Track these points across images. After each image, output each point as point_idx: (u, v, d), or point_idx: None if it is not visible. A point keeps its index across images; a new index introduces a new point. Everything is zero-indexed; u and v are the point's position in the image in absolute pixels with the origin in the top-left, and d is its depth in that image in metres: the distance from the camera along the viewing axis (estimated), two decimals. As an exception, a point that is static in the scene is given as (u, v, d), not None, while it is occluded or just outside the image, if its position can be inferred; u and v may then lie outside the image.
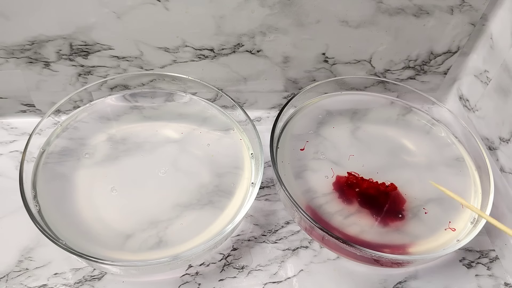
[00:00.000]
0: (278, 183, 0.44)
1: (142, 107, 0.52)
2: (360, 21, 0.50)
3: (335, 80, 0.54)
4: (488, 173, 0.46)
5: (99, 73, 0.51)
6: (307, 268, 0.45)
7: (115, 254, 0.40)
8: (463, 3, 0.49)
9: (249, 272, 0.44)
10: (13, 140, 0.53)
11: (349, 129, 0.52)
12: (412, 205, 0.45)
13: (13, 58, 0.48)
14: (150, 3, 0.45)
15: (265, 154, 0.46)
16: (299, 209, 0.41)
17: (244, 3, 0.46)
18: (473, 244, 0.48)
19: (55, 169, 0.45)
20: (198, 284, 0.43)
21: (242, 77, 0.54)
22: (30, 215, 0.38)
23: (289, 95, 0.58)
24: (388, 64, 0.55)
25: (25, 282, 0.42)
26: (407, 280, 0.45)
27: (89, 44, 0.48)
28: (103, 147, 0.48)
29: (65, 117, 0.49)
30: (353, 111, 0.54)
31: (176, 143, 0.50)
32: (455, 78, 0.58)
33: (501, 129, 0.49)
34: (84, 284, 0.42)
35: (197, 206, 0.45)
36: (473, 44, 0.54)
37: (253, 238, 0.47)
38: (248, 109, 0.57)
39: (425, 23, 0.51)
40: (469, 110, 0.56)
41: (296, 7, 0.47)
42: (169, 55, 0.51)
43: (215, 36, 0.49)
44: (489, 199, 0.44)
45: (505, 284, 0.45)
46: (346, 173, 0.47)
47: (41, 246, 0.44)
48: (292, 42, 0.51)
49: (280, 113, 0.48)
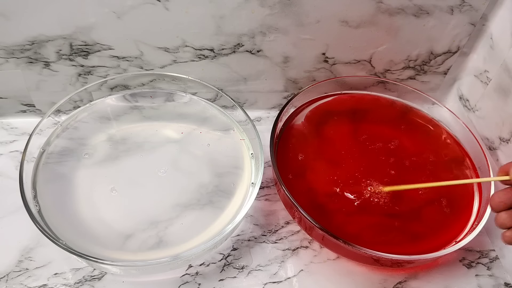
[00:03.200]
0: (278, 183, 0.44)
1: (142, 107, 0.52)
2: (360, 21, 0.50)
3: (335, 80, 0.54)
4: (488, 173, 0.46)
5: (99, 73, 0.51)
6: (307, 268, 0.45)
7: (115, 254, 0.40)
8: (463, 3, 0.49)
9: (249, 272, 0.44)
10: (13, 140, 0.53)
11: (349, 129, 0.51)
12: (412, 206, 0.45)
13: (13, 58, 0.48)
14: (150, 3, 0.45)
15: (265, 154, 0.46)
16: (299, 209, 0.41)
17: (244, 3, 0.46)
18: (473, 244, 0.48)
19: (55, 169, 0.45)
20: (198, 284, 0.43)
21: (242, 77, 0.54)
22: (30, 215, 0.38)
23: (289, 95, 0.58)
24: (388, 64, 0.55)
25: (25, 282, 0.42)
26: (407, 280, 0.45)
27: (89, 44, 0.48)
28: (103, 147, 0.48)
29: (65, 117, 0.49)
30: (353, 111, 0.54)
31: (176, 143, 0.50)
32: (455, 78, 0.58)
33: (501, 129, 0.49)
34: (84, 284, 0.42)
35: (197, 206, 0.45)
36: (473, 44, 0.54)
37: (253, 238, 0.47)
38: (248, 109, 0.57)
39: (425, 23, 0.51)
40: (469, 110, 0.56)
41: (296, 7, 0.47)
42: (169, 55, 0.51)
43: (215, 36, 0.49)
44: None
45: (505, 284, 0.45)
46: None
47: (41, 246, 0.44)
48: (292, 42, 0.51)
49: (280, 113, 0.49)
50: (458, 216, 0.45)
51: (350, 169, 0.47)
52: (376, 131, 0.52)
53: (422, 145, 0.51)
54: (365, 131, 0.51)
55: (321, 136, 0.50)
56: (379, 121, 0.53)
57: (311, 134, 0.50)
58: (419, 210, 0.45)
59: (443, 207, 0.45)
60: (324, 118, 0.52)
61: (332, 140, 0.50)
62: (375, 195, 0.45)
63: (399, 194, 0.45)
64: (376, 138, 0.51)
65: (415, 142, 0.51)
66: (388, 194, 0.45)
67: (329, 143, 0.50)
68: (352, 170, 0.47)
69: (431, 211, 0.45)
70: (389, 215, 0.44)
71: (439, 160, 0.49)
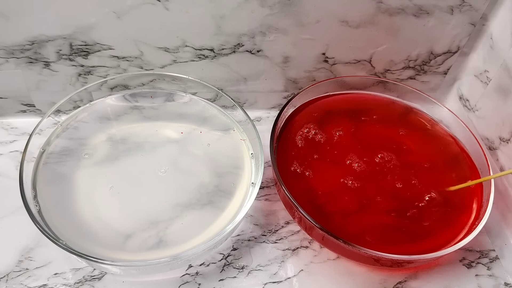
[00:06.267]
0: (278, 183, 0.44)
1: (142, 107, 0.52)
2: (360, 21, 0.50)
3: (335, 80, 0.54)
4: (488, 173, 0.46)
5: (99, 73, 0.51)
6: (307, 268, 0.45)
7: (115, 254, 0.40)
8: (463, 3, 0.49)
9: (249, 272, 0.44)
10: (13, 140, 0.53)
11: (349, 129, 0.52)
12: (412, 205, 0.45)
13: (13, 58, 0.48)
14: (150, 3, 0.45)
15: (265, 154, 0.46)
16: (299, 209, 0.41)
17: (244, 3, 0.46)
18: (473, 244, 0.48)
19: (55, 169, 0.45)
20: (198, 284, 0.43)
21: (242, 77, 0.54)
22: (30, 215, 0.38)
23: (289, 95, 0.58)
24: (388, 64, 0.55)
25: (25, 282, 0.42)
26: (407, 280, 0.45)
27: (89, 44, 0.48)
28: (103, 147, 0.48)
29: (65, 117, 0.49)
30: (353, 111, 0.54)
31: (176, 143, 0.50)
32: (455, 78, 0.58)
33: (501, 129, 0.49)
34: (84, 284, 0.42)
35: (197, 206, 0.45)
36: (473, 44, 0.54)
37: (253, 238, 0.47)
38: (248, 109, 0.57)
39: (425, 23, 0.51)
40: (469, 110, 0.56)
41: (296, 7, 0.47)
42: (169, 55, 0.51)
43: (215, 36, 0.49)
44: (489, 199, 0.44)
45: (505, 284, 0.45)
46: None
47: (41, 246, 0.44)
48: (292, 42, 0.51)
49: (280, 113, 0.49)
50: (458, 216, 0.45)
51: (350, 168, 0.47)
52: (376, 131, 0.52)
53: (422, 145, 0.51)
54: (365, 131, 0.51)
55: (321, 136, 0.50)
56: (379, 121, 0.53)
57: (311, 134, 0.50)
58: (419, 210, 0.45)
59: (443, 207, 0.45)
60: (324, 118, 0.52)
61: (332, 140, 0.50)
62: (375, 195, 0.45)
63: (399, 194, 0.45)
64: (376, 138, 0.51)
65: (415, 142, 0.51)
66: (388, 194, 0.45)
67: (329, 143, 0.50)
68: (352, 170, 0.47)
69: (431, 211, 0.45)
70: (389, 215, 0.44)
71: (439, 160, 0.49)
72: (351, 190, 0.45)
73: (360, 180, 0.46)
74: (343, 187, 0.46)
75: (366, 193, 0.45)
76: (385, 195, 0.45)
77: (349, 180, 0.46)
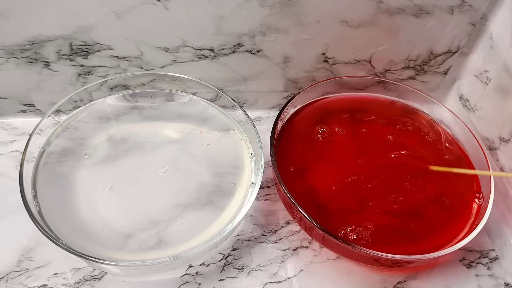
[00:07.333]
0: (278, 183, 0.44)
1: (142, 107, 0.52)
2: (360, 21, 0.50)
3: (335, 80, 0.54)
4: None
5: (99, 73, 0.51)
6: (307, 268, 0.45)
7: (115, 254, 0.40)
8: (463, 3, 0.49)
9: (249, 272, 0.44)
10: (13, 140, 0.53)
11: (349, 129, 0.51)
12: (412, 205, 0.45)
13: (13, 58, 0.48)
14: (150, 3, 0.45)
15: (265, 154, 0.46)
16: (299, 209, 0.41)
17: (244, 3, 0.46)
18: (473, 244, 0.48)
19: (55, 169, 0.45)
20: (198, 284, 0.43)
21: (242, 77, 0.54)
22: (30, 215, 0.38)
23: (289, 95, 0.58)
24: (388, 64, 0.55)
25: (25, 282, 0.42)
26: (407, 280, 0.45)
27: (89, 44, 0.48)
28: (103, 147, 0.48)
29: (65, 117, 0.49)
30: (353, 111, 0.54)
31: (176, 143, 0.50)
32: (455, 78, 0.58)
33: (501, 129, 0.49)
34: (84, 284, 0.42)
35: (197, 206, 0.45)
36: (473, 44, 0.54)
37: (253, 238, 0.47)
38: (248, 109, 0.57)
39: (425, 23, 0.51)
40: (469, 110, 0.56)
41: (296, 7, 0.47)
42: (169, 55, 0.51)
43: (215, 36, 0.49)
44: (489, 199, 0.44)
45: (505, 284, 0.45)
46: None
47: (41, 246, 0.44)
48: (292, 42, 0.51)
49: (280, 113, 0.49)
50: (458, 216, 0.45)
51: (350, 168, 0.47)
52: (376, 131, 0.52)
53: (422, 145, 0.51)
54: (365, 131, 0.51)
55: (320, 136, 0.50)
56: (379, 121, 0.53)
57: (311, 134, 0.50)
58: (419, 209, 0.45)
59: (443, 207, 0.45)
60: (324, 118, 0.52)
61: (332, 140, 0.50)
62: (375, 195, 0.45)
63: (399, 194, 0.45)
64: (376, 138, 0.51)
65: (414, 142, 0.51)
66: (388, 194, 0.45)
67: (329, 143, 0.50)
68: (352, 170, 0.47)
69: (431, 211, 0.45)
70: (389, 215, 0.44)
71: (439, 160, 0.49)
72: (351, 190, 0.45)
73: (360, 180, 0.46)
74: (343, 187, 0.46)
75: (366, 193, 0.45)
76: (385, 195, 0.45)
77: (349, 180, 0.46)
